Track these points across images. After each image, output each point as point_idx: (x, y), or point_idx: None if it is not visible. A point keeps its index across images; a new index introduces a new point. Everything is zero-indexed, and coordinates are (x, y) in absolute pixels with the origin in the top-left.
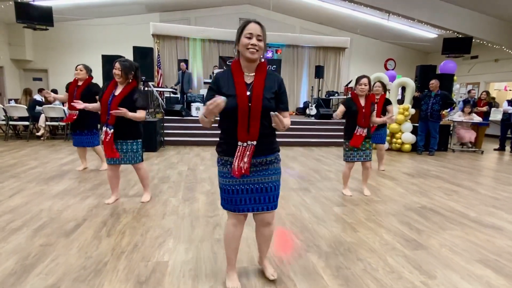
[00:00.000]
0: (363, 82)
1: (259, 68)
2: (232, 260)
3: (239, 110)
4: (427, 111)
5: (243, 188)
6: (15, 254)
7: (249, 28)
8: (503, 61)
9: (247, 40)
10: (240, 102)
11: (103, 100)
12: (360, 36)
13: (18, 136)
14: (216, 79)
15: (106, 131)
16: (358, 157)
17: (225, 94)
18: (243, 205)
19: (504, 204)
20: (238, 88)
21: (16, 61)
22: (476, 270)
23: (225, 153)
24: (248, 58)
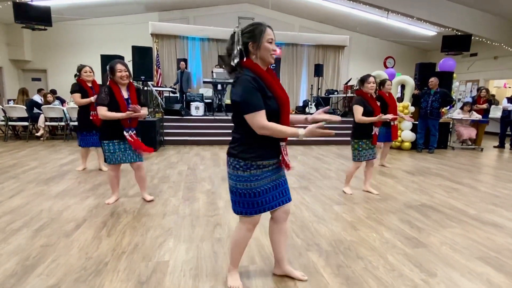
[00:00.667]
0: (371, 80)
1: (272, 73)
2: (237, 261)
3: (284, 112)
4: (427, 108)
5: (273, 185)
6: (16, 255)
7: (269, 33)
8: (502, 58)
9: (270, 46)
10: (284, 104)
11: (123, 105)
12: (359, 34)
13: (17, 136)
14: (256, 81)
15: (131, 135)
16: (373, 155)
17: (265, 96)
18: (275, 200)
19: (504, 202)
20: (279, 90)
21: (15, 62)
22: (477, 268)
23: (265, 158)
24: (270, 63)
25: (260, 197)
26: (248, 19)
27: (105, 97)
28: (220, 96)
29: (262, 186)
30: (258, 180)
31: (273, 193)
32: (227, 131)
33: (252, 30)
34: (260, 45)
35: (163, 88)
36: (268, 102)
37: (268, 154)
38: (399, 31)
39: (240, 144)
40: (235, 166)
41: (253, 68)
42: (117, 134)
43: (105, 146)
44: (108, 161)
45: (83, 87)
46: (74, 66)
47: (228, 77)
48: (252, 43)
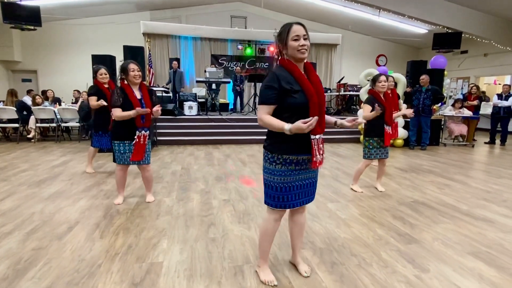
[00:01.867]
0: (383, 79)
1: (308, 67)
2: (267, 253)
3: (311, 105)
4: (419, 106)
5: (299, 184)
6: (7, 259)
7: (294, 30)
8: (492, 55)
9: (295, 43)
10: (311, 97)
11: (137, 105)
12: (351, 33)
13: (7, 138)
14: (275, 77)
15: (144, 135)
16: (380, 154)
17: (291, 90)
18: (297, 200)
19: (495, 197)
20: (306, 84)
21: (4, 62)
22: (468, 263)
23: (290, 152)
24: (300, 58)
25: (283, 193)
26: (241, 18)
27: (117, 99)
28: (214, 95)
29: (286, 183)
30: (282, 176)
31: (298, 192)
32: (221, 130)
33: (280, 32)
34: (286, 44)
35: (156, 88)
36: (295, 96)
37: (296, 149)
38: (390, 29)
39: (269, 137)
40: (265, 158)
41: (285, 65)
42: (129, 135)
43: (115, 146)
44: (118, 161)
45: (100, 89)
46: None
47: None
48: (280, 44)
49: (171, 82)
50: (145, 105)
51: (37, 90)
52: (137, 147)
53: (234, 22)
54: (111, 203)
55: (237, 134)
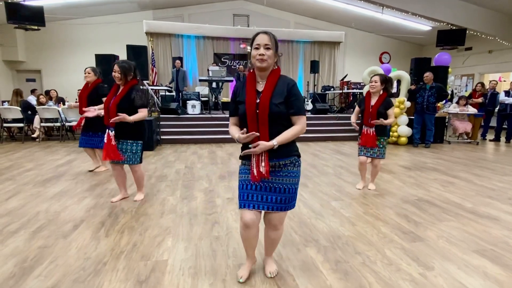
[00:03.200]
0: (374, 79)
1: (271, 75)
2: (248, 253)
3: (247, 117)
4: (423, 103)
5: (254, 184)
6: (14, 257)
7: (256, 39)
8: (497, 52)
9: (255, 51)
10: (248, 108)
11: (105, 102)
12: (354, 30)
13: (12, 138)
14: (234, 90)
15: (108, 134)
16: (371, 152)
17: (239, 102)
18: (252, 201)
19: (499, 195)
20: (247, 96)
21: (8, 62)
22: (473, 260)
23: (244, 156)
24: (257, 67)
25: (240, 190)
26: (243, 16)
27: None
28: (216, 94)
29: (243, 180)
30: (241, 173)
31: (251, 192)
32: (223, 129)
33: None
34: (251, 53)
35: (159, 87)
36: (239, 106)
37: (247, 155)
38: (394, 27)
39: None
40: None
41: (247, 76)
42: (118, 133)
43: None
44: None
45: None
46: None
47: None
48: (249, 54)
49: (174, 81)
50: (111, 104)
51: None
52: (105, 145)
53: (236, 21)
54: (116, 202)
55: None
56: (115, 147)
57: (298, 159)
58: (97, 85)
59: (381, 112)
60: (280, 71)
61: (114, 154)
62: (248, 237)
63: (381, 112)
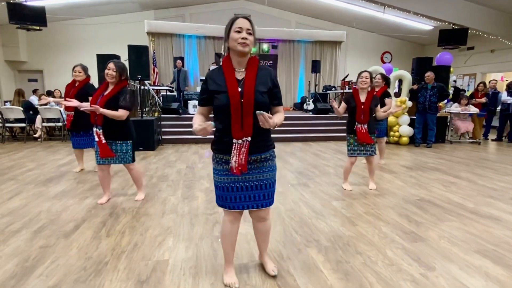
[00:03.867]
0: (364, 75)
1: (250, 63)
2: (229, 256)
3: (231, 107)
4: (425, 103)
5: (238, 186)
6: (15, 257)
7: (238, 22)
8: (499, 51)
9: (237, 35)
10: (232, 98)
11: (92, 101)
12: (356, 30)
13: (14, 138)
14: (206, 78)
15: (96, 131)
16: (364, 151)
17: (215, 91)
18: (238, 202)
19: (501, 195)
20: (229, 85)
21: (11, 62)
22: (475, 261)
23: (220, 151)
24: (240, 52)
25: (223, 193)
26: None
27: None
28: None
29: (222, 183)
30: (219, 175)
31: (238, 194)
32: None
33: (225, 27)
34: (229, 36)
35: (160, 87)
36: (217, 97)
37: (223, 148)
38: (395, 26)
39: (213, 136)
40: (211, 157)
41: (222, 63)
42: (108, 134)
43: (95, 146)
44: (96, 161)
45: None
46: (70, 66)
47: None
48: (226, 38)
49: (176, 81)
50: (98, 103)
51: (43, 90)
52: (97, 143)
53: None
54: (116, 201)
55: None
56: (105, 144)
57: (274, 151)
58: (87, 84)
59: (372, 108)
60: (258, 59)
61: (106, 152)
62: (231, 232)
63: (372, 108)
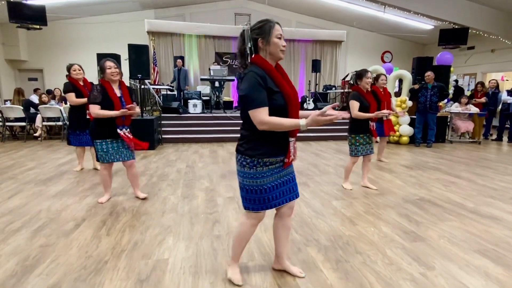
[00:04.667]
0: (370, 75)
1: (280, 68)
2: (239, 256)
3: (292, 107)
4: (426, 103)
5: (280, 182)
6: (15, 256)
7: (277, 28)
8: (499, 51)
9: (279, 41)
10: (293, 98)
11: (117, 102)
12: (356, 29)
13: (15, 137)
14: (262, 77)
15: (124, 132)
16: (370, 150)
17: (273, 91)
18: (281, 197)
19: (501, 194)
20: (286, 85)
21: (11, 61)
22: (474, 260)
23: (271, 155)
24: (279, 58)
25: (267, 194)
26: (245, 16)
27: (97, 95)
28: (218, 93)
29: (269, 183)
30: (265, 177)
31: (281, 190)
32: (225, 128)
33: (261, 26)
34: (270, 40)
35: (161, 86)
36: (274, 97)
37: (275, 151)
38: (396, 26)
39: (247, 141)
40: (242, 163)
41: (260, 64)
42: (110, 133)
43: (97, 145)
44: (101, 160)
45: (76, 86)
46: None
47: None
48: (261, 39)
49: (176, 80)
50: (125, 103)
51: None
52: (128, 141)
53: (238, 20)
54: (116, 201)
55: None
56: (134, 138)
57: None
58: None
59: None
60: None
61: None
62: (251, 234)
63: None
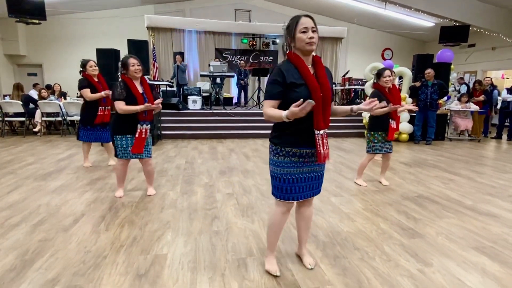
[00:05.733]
0: (387, 73)
1: (317, 61)
2: (273, 245)
3: (315, 100)
4: (426, 100)
5: (303, 177)
6: (15, 250)
7: (302, 22)
8: (500, 49)
9: (303, 35)
10: (314, 91)
11: (140, 99)
12: (357, 26)
13: (14, 132)
14: (280, 72)
15: (145, 129)
16: (385, 148)
17: (294, 84)
18: (301, 192)
19: (500, 192)
20: (309, 79)
21: (10, 56)
22: (472, 257)
23: (292, 144)
24: (308, 51)
25: (287, 185)
26: (245, 11)
27: (121, 92)
28: (218, 89)
29: (290, 175)
30: (286, 168)
31: (303, 185)
32: (224, 124)
33: (288, 25)
34: (295, 37)
35: (160, 82)
36: (297, 90)
37: (298, 142)
38: (397, 23)
39: (274, 130)
40: (270, 149)
41: (290, 59)
42: (130, 129)
43: (117, 140)
44: (120, 155)
45: (91, 82)
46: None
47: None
48: (289, 37)
49: (175, 76)
50: (148, 99)
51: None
52: (138, 140)
53: (238, 16)
54: (115, 196)
55: (241, 129)
56: (145, 141)
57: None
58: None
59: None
60: (320, 58)
61: (141, 148)
62: (281, 222)
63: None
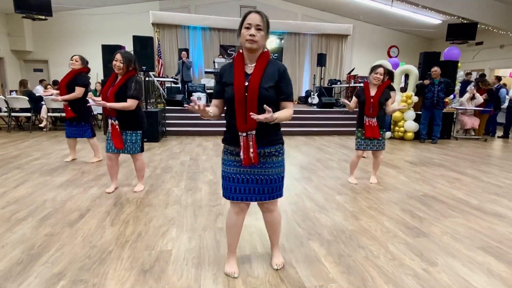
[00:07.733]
0: (379, 71)
1: (260, 58)
2: (232, 246)
3: (235, 100)
4: (433, 98)
5: (243, 178)
6: (21, 244)
7: (248, 18)
8: (508, 47)
9: (246, 31)
10: (236, 92)
11: (103, 92)
12: (363, 23)
13: (20, 127)
14: (220, 71)
15: (112, 123)
16: (371, 146)
17: (225, 84)
18: (242, 194)
19: (506, 192)
20: (236, 78)
21: (16, 52)
22: (477, 257)
23: (228, 142)
24: (247, 48)
25: (226, 183)
26: (250, 8)
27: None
28: None
29: (229, 173)
30: (226, 165)
31: (238, 186)
32: None
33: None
34: (240, 33)
35: (165, 79)
36: (227, 89)
37: (229, 140)
38: (403, 20)
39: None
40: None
41: (235, 57)
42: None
43: (107, 135)
44: (106, 149)
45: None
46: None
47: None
48: (238, 34)
49: (180, 72)
50: (108, 94)
51: (49, 80)
52: (112, 134)
53: (243, 12)
54: (121, 192)
55: None
56: (120, 135)
57: (282, 147)
58: (80, 73)
59: (382, 102)
60: (269, 54)
61: (118, 142)
62: (236, 224)
63: (381, 102)
